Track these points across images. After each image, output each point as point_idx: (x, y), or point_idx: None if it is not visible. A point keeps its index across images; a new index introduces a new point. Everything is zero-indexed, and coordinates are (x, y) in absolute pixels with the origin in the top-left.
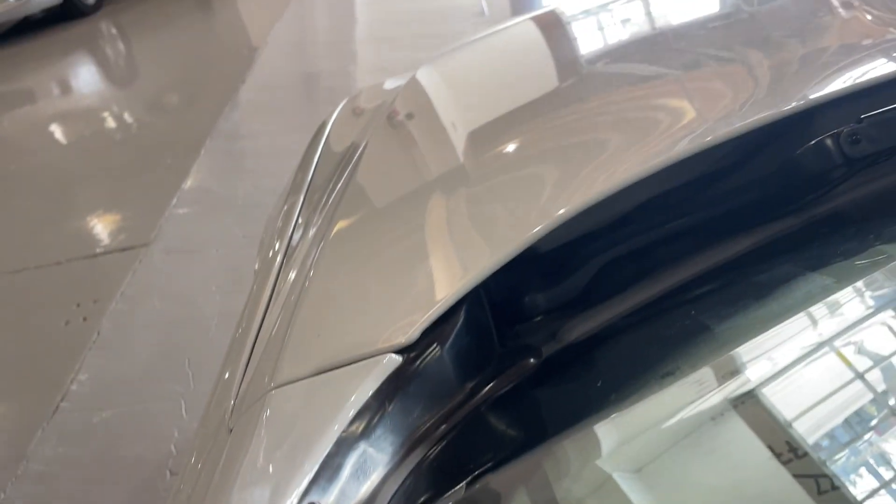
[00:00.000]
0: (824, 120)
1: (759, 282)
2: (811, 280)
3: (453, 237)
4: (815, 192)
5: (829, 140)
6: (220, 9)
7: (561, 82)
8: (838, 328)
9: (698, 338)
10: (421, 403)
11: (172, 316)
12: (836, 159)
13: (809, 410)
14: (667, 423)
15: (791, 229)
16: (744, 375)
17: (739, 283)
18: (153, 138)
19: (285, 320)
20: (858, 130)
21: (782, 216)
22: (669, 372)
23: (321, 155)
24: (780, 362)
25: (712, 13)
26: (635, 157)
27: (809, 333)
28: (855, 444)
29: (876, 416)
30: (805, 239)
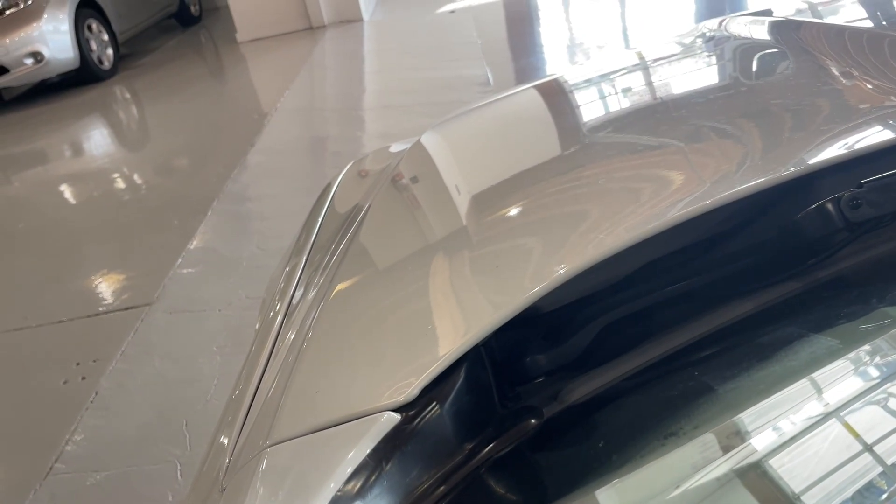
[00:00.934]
0: (825, 185)
1: (762, 343)
2: (814, 342)
3: (454, 297)
4: (816, 257)
5: (829, 205)
6: (232, 76)
7: (562, 149)
8: (845, 397)
9: (701, 398)
10: (419, 463)
11: (172, 376)
12: (838, 223)
13: (818, 483)
14: (671, 492)
15: (793, 293)
16: (750, 445)
17: (742, 344)
18: (161, 199)
19: (283, 379)
20: (859, 195)
21: (784, 280)
22: (673, 433)
23: (325, 216)
24: (786, 432)
25: (712, 84)
26: (635, 220)
27: (815, 402)
28: None
29: (886, 491)
30: (808, 302)
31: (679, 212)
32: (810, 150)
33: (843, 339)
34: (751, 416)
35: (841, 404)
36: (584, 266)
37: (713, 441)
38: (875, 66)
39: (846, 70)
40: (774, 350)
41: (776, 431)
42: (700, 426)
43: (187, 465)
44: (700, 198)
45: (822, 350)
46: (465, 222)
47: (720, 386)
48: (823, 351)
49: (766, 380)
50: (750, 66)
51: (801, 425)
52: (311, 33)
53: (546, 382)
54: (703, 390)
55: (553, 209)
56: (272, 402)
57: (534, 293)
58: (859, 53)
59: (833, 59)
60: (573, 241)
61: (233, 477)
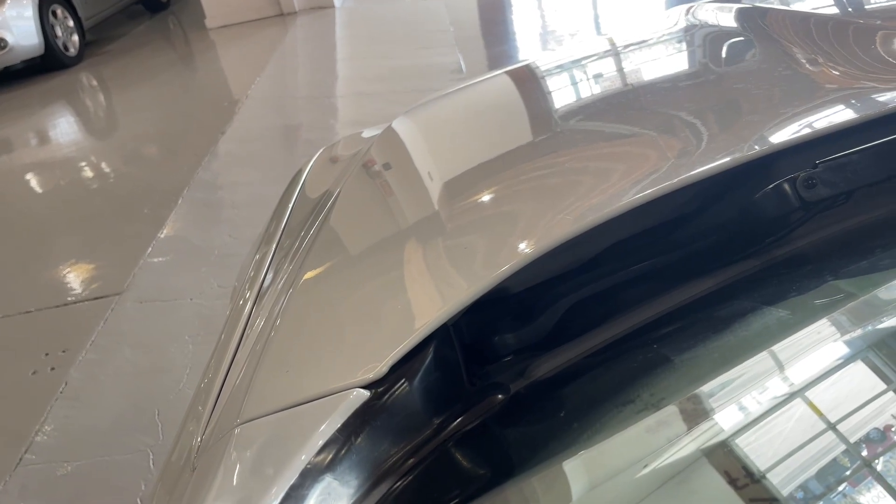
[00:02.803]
0: (782, 166)
1: (718, 316)
2: (767, 313)
3: (422, 278)
4: (774, 235)
5: (786, 185)
6: (201, 63)
7: (531, 133)
8: (809, 376)
9: (659, 369)
10: (388, 438)
11: (143, 366)
12: (794, 203)
13: (783, 461)
14: (638, 469)
15: (751, 271)
16: (707, 415)
17: (700, 319)
18: (131, 188)
19: (253, 361)
20: (814, 175)
21: (743, 258)
22: (630, 400)
23: (296, 202)
24: (752, 411)
25: (677, 70)
26: (599, 202)
27: (769, 371)
28: (830, 497)
29: (849, 468)
30: (763, 278)
31: (642, 193)
32: (768, 133)
33: (793, 311)
34: (707, 385)
35: (805, 384)
36: (550, 247)
37: (674, 412)
38: (836, 52)
39: (806, 56)
40: (729, 322)
41: (732, 401)
42: (656, 394)
43: (160, 454)
44: (663, 179)
45: (773, 321)
46: (434, 206)
47: (677, 357)
48: (775, 322)
49: (722, 350)
50: (715, 53)
51: (758, 396)
52: (282, 20)
53: (514, 361)
54: (660, 361)
55: (520, 193)
56: (243, 382)
57: (500, 273)
58: (823, 40)
59: (795, 45)
60: (538, 224)
61: (203, 456)
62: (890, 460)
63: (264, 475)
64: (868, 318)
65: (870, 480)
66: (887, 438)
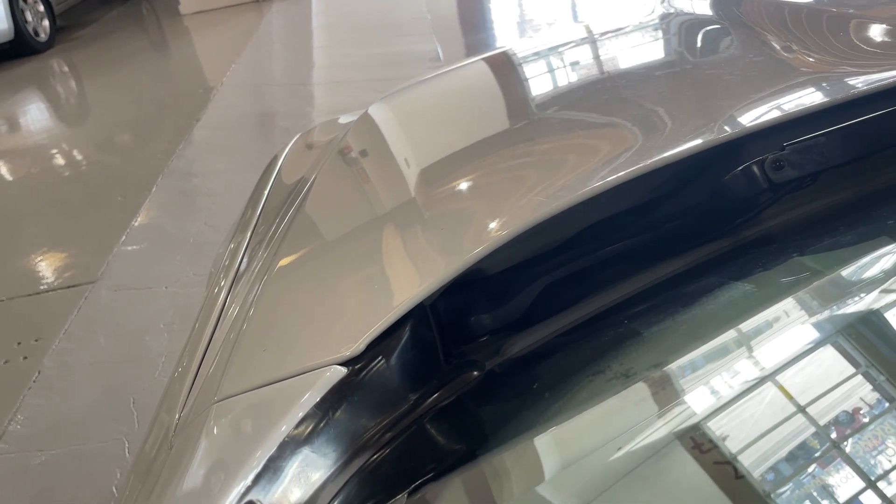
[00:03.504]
0: (751, 148)
1: (686, 292)
2: (733, 287)
3: (398, 259)
4: (743, 216)
5: (755, 167)
6: (175, 50)
7: (506, 118)
8: (778, 359)
9: (628, 341)
10: (366, 413)
11: (118, 355)
12: (762, 184)
13: (755, 443)
14: (609, 447)
15: (721, 251)
16: (685, 401)
17: (669, 295)
18: (103, 176)
19: (230, 342)
20: (782, 157)
21: (714, 239)
22: (600, 371)
23: (272, 188)
24: (720, 389)
25: (651, 56)
26: (574, 185)
27: (748, 360)
28: (799, 478)
29: (819, 450)
30: (731, 256)
31: (614, 176)
32: (737, 116)
33: (759, 286)
34: (676, 356)
35: (775, 367)
36: (525, 228)
37: (644, 386)
38: (808, 39)
39: (777, 42)
40: (697, 297)
41: (701, 374)
42: (625, 364)
43: (135, 442)
44: (635, 163)
45: (739, 295)
46: (410, 189)
47: (646, 330)
48: (740, 296)
49: (689, 322)
50: (688, 40)
51: (727, 377)
52: (257, 6)
53: (490, 341)
54: (630, 335)
55: (495, 177)
56: (220, 362)
57: (475, 254)
58: (796, 27)
59: (767, 32)
60: (513, 206)
61: (181, 434)
62: (858, 442)
63: (242, 448)
64: (837, 300)
65: (839, 462)
66: (856, 421)
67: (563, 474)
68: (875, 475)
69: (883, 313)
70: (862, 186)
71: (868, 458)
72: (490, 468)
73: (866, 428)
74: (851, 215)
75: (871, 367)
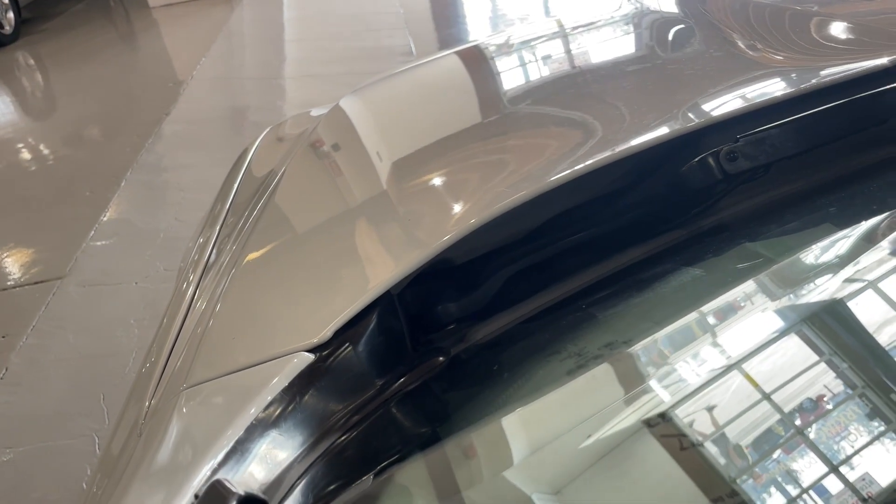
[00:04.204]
0: (707, 141)
1: (641, 278)
2: (683, 272)
3: (365, 249)
4: (699, 206)
5: (710, 158)
6: (144, 42)
7: (475, 111)
8: (744, 350)
9: (584, 324)
10: (333, 397)
11: (88, 351)
12: (717, 175)
13: (721, 430)
14: (568, 436)
15: (678, 240)
16: (647, 391)
17: (625, 281)
18: (71, 170)
19: (199, 331)
20: (735, 149)
21: (671, 228)
22: (556, 352)
23: (242, 181)
24: (691, 383)
25: (616, 52)
26: (536, 176)
27: (717, 355)
28: (764, 463)
29: (783, 436)
30: (685, 243)
31: (575, 168)
32: (694, 110)
33: (708, 271)
34: (629, 335)
35: (740, 356)
36: (488, 219)
37: (600, 371)
38: (769, 36)
39: (738, 39)
40: (650, 282)
41: (681, 383)
42: (579, 343)
43: (106, 437)
44: (595, 155)
45: (689, 278)
46: (378, 181)
47: (601, 314)
48: (690, 279)
49: (642, 306)
50: (652, 36)
51: (705, 377)
52: None
53: (457, 328)
54: (586, 318)
55: (461, 169)
56: (189, 351)
57: (440, 244)
58: (759, 24)
59: (729, 29)
60: (476, 198)
61: (150, 421)
62: (821, 428)
63: (211, 431)
64: (784, 287)
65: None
66: (819, 407)
67: (524, 456)
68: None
69: (831, 302)
70: (807, 177)
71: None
72: (452, 449)
73: (828, 415)
74: (798, 204)
75: (835, 354)
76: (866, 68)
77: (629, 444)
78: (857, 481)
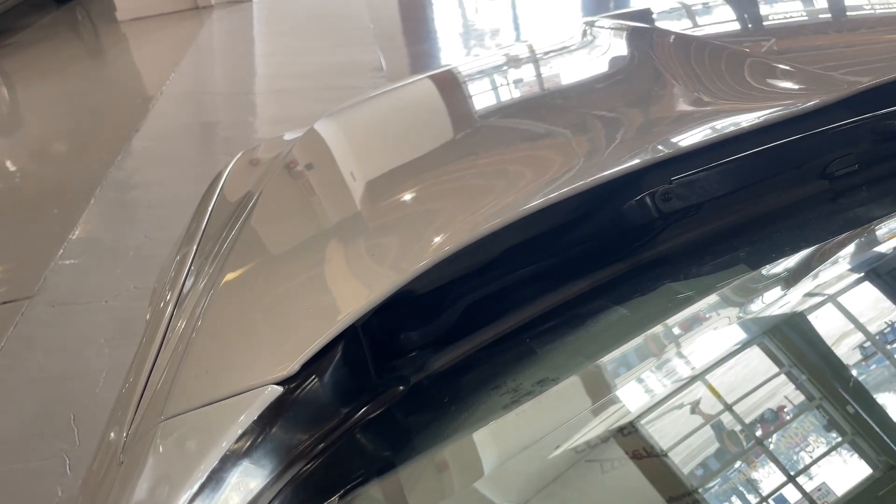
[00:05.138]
0: (644, 181)
1: (577, 313)
2: (612, 311)
3: (333, 281)
4: (638, 241)
5: (647, 198)
6: (112, 57)
7: (443, 140)
8: (707, 361)
9: (524, 359)
10: (300, 427)
11: (57, 371)
12: (653, 213)
13: (684, 440)
14: (513, 465)
15: (615, 275)
16: (622, 408)
17: (566, 315)
18: (39, 188)
19: (175, 361)
20: (670, 190)
21: (613, 262)
22: (497, 386)
23: (216, 204)
24: (656, 393)
25: (564, 87)
26: (493, 212)
27: (683, 369)
28: (726, 474)
29: (744, 446)
30: (617, 281)
31: (524, 207)
32: (637, 152)
33: (632, 310)
34: (561, 370)
35: (703, 369)
36: (445, 255)
37: (546, 398)
38: (707, 77)
39: (679, 81)
40: (584, 319)
41: (648, 394)
42: (517, 379)
43: (77, 459)
44: (542, 194)
45: (616, 317)
46: (349, 210)
47: (540, 348)
48: (616, 318)
49: (575, 343)
50: (600, 72)
51: (668, 389)
52: (197, 13)
53: (418, 356)
54: (527, 352)
55: (425, 199)
56: (165, 382)
57: (401, 279)
58: (699, 65)
59: (670, 69)
60: (436, 233)
61: (130, 450)
62: (781, 439)
63: (187, 463)
64: (700, 324)
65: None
66: (779, 418)
67: (468, 483)
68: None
69: (744, 340)
70: (722, 220)
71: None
72: (409, 473)
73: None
74: (718, 245)
75: (794, 366)
76: (792, 112)
77: (574, 475)
78: (813, 491)
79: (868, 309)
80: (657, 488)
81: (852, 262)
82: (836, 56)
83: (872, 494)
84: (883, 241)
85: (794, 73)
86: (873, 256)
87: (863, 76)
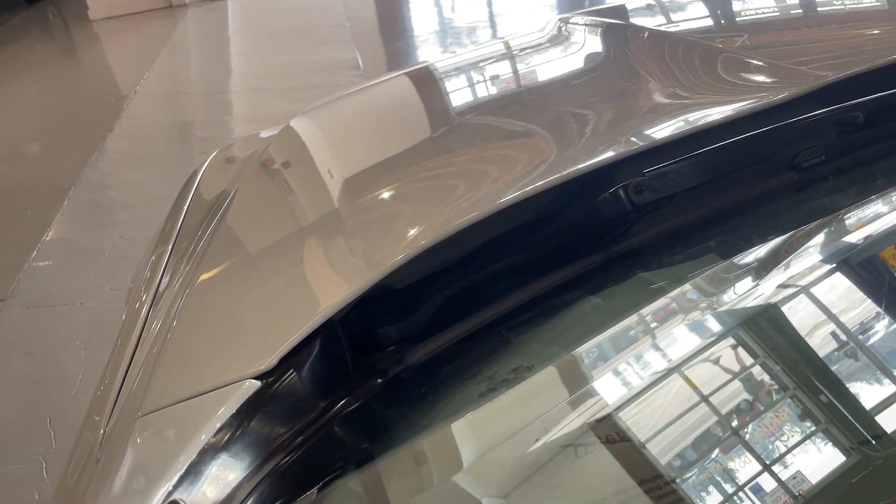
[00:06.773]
0: (618, 174)
1: (552, 304)
2: (586, 300)
3: (310, 276)
4: (612, 233)
5: (620, 190)
6: (85, 57)
7: (419, 136)
8: (684, 353)
9: (500, 349)
10: (279, 420)
11: (32, 374)
12: (627, 206)
13: (661, 432)
14: (492, 457)
15: (590, 266)
16: (599, 398)
17: (541, 306)
18: (10, 189)
19: (152, 358)
20: (642, 182)
21: (589, 254)
22: (472, 376)
23: (191, 203)
24: (630, 381)
25: (538, 83)
26: (469, 206)
27: (659, 359)
28: (703, 463)
29: (721, 437)
30: (592, 272)
31: (499, 201)
32: (609, 145)
33: (605, 299)
34: (536, 360)
35: (680, 360)
36: (421, 250)
37: (519, 391)
38: (680, 72)
39: (651, 75)
40: (559, 309)
41: (626, 387)
42: (492, 369)
43: (54, 461)
44: (518, 188)
45: (589, 307)
46: (325, 206)
47: (516, 339)
48: (590, 308)
49: (550, 332)
50: (575, 68)
51: (646, 381)
52: (171, 12)
53: (397, 350)
54: (503, 343)
55: (403, 194)
56: (143, 378)
57: (378, 274)
58: (672, 60)
59: (644, 65)
60: (413, 227)
61: (108, 446)
62: (756, 429)
63: (166, 457)
64: (676, 313)
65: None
66: (754, 409)
67: (448, 475)
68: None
69: (714, 332)
70: (701, 209)
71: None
72: (388, 464)
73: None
74: (690, 235)
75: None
76: (762, 105)
77: (572, 449)
78: (788, 479)
79: (839, 299)
80: (629, 472)
81: (822, 251)
82: (806, 51)
83: (846, 481)
84: (851, 230)
85: (764, 68)
86: (843, 246)
87: (829, 70)
